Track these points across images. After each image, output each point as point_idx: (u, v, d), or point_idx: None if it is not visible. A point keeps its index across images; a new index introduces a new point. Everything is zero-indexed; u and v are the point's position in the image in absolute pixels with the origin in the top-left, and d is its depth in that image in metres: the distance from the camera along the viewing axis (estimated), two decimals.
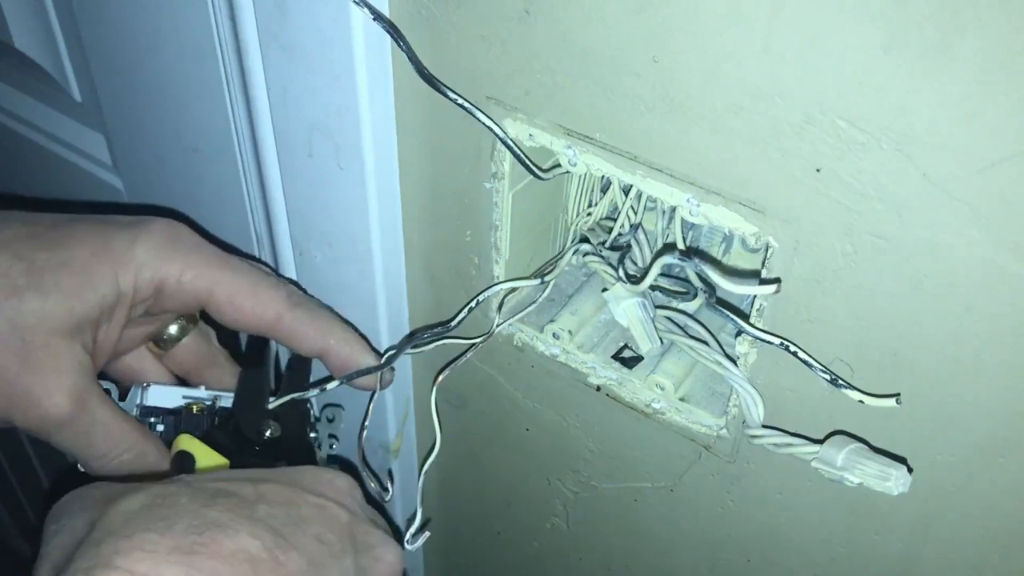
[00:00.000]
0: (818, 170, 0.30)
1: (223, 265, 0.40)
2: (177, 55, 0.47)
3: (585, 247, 0.42)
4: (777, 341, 0.34)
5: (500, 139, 0.37)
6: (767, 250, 0.33)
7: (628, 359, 0.42)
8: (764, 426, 0.36)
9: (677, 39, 0.30)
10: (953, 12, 0.24)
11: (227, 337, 0.46)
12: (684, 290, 0.42)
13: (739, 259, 0.45)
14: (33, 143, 0.64)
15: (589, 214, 0.45)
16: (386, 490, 0.46)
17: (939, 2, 0.24)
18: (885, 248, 0.30)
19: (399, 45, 0.37)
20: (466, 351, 0.43)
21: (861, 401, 0.33)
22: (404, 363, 0.51)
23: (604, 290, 0.41)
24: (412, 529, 0.41)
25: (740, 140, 0.31)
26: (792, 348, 0.33)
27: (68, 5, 0.53)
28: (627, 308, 0.40)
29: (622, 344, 0.43)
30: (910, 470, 0.33)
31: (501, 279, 0.42)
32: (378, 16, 0.36)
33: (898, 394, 0.32)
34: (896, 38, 0.26)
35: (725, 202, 0.33)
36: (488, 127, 0.37)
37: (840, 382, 0.33)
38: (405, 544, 0.41)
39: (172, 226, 0.39)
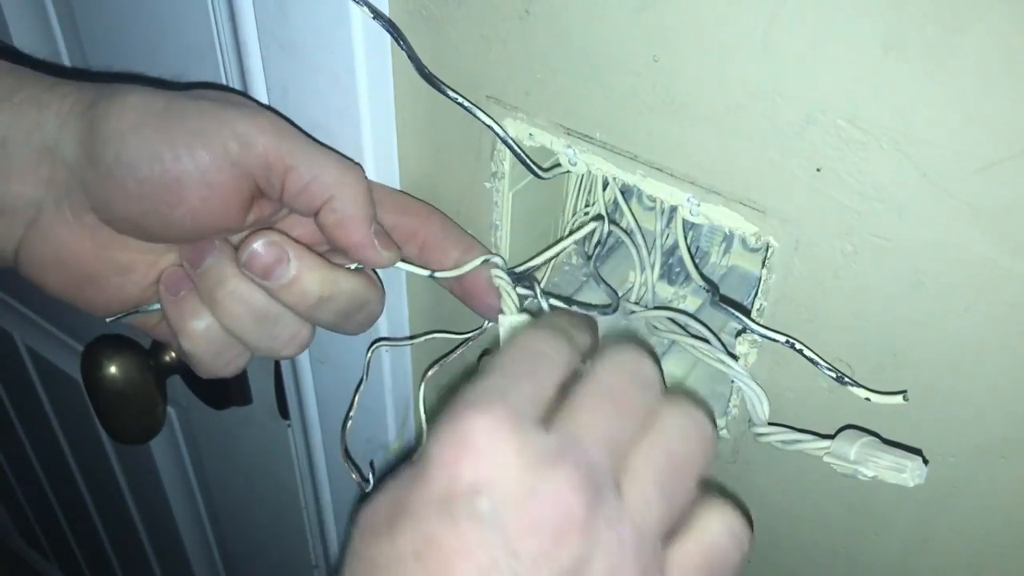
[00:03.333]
0: (818, 170, 0.30)
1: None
2: (177, 55, 0.47)
3: (496, 259, 0.39)
4: (783, 339, 0.34)
5: (500, 138, 0.37)
6: (767, 250, 0.33)
7: None
8: (771, 423, 0.36)
9: (677, 39, 0.30)
10: (953, 12, 0.24)
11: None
12: (607, 302, 0.40)
13: (739, 259, 0.45)
14: None
15: (586, 214, 0.45)
16: (367, 481, 0.45)
17: (939, 2, 0.25)
18: (885, 248, 0.30)
19: (399, 44, 0.37)
20: (456, 347, 0.43)
21: (867, 399, 0.32)
22: (404, 363, 0.51)
23: (501, 313, 0.39)
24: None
25: (740, 140, 0.31)
26: (798, 346, 0.33)
27: (68, 5, 0.53)
28: None
29: None
30: (925, 461, 0.33)
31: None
32: (378, 15, 0.36)
33: (905, 391, 0.32)
34: (896, 38, 0.26)
35: (725, 202, 0.33)
36: (488, 126, 0.37)
37: (846, 379, 0.33)
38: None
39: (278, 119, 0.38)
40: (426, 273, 0.39)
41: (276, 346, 0.38)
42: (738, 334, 0.36)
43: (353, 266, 0.38)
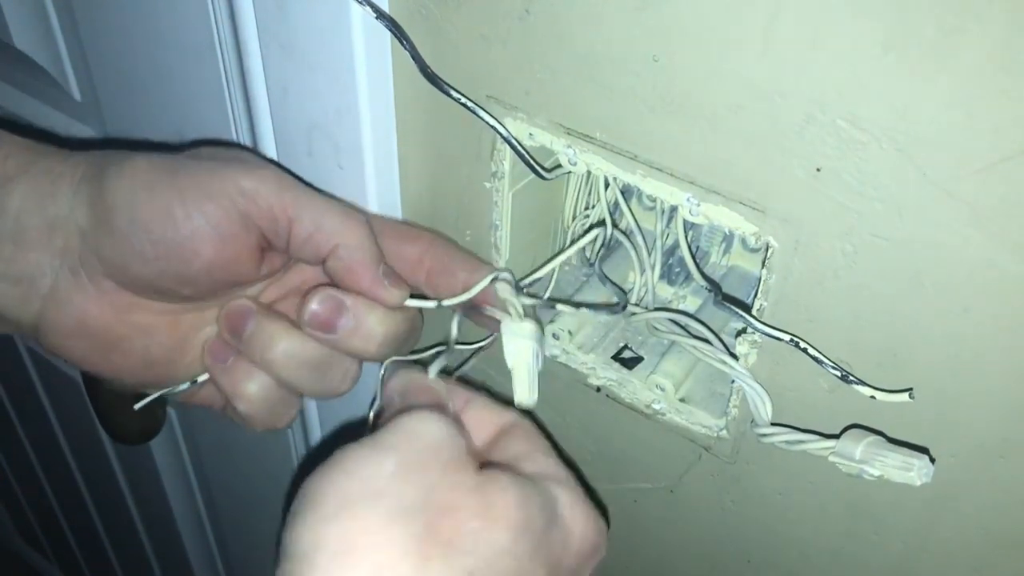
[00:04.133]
0: (818, 170, 0.30)
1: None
2: (177, 55, 0.47)
3: (505, 275, 0.39)
4: (787, 338, 0.33)
5: (505, 139, 0.37)
6: (767, 250, 0.33)
7: (628, 359, 0.42)
8: (773, 424, 0.36)
9: (677, 39, 0.30)
10: (953, 12, 0.24)
11: None
12: (615, 301, 0.40)
13: (739, 259, 0.45)
14: None
15: (587, 216, 0.45)
16: None
17: (939, 2, 0.24)
18: (885, 248, 0.30)
19: (402, 44, 0.37)
20: (469, 358, 0.42)
21: (873, 397, 0.32)
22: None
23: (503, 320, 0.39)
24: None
25: (740, 140, 0.31)
26: (802, 345, 0.33)
27: (68, 5, 0.53)
28: (520, 348, 0.38)
29: (622, 344, 0.43)
30: (932, 460, 0.32)
31: None
32: (381, 15, 0.36)
33: (911, 388, 0.32)
34: (896, 38, 0.26)
35: (725, 202, 0.33)
36: (492, 127, 0.37)
37: (851, 378, 0.33)
38: None
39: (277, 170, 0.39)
40: (433, 305, 0.39)
41: (331, 387, 0.39)
42: (738, 334, 0.36)
43: None
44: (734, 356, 0.37)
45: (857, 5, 0.26)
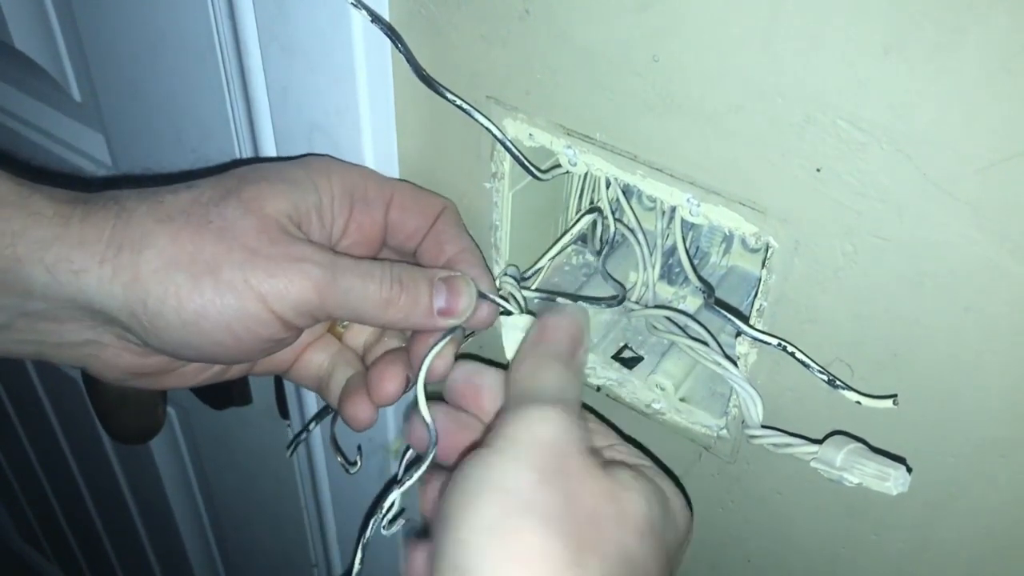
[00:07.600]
0: (818, 170, 0.30)
1: (388, 177, 0.41)
2: (177, 55, 0.47)
3: (511, 270, 0.41)
4: (775, 342, 0.34)
5: (499, 140, 0.37)
6: (767, 250, 0.33)
7: (628, 359, 0.42)
8: (763, 426, 0.36)
9: (677, 39, 0.30)
10: (953, 12, 0.24)
11: None
12: (613, 294, 0.41)
13: (739, 259, 0.45)
14: (33, 143, 0.64)
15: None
16: (353, 464, 0.46)
17: (939, 2, 0.25)
18: (885, 248, 0.30)
19: (397, 47, 0.37)
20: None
21: (858, 402, 0.33)
22: None
23: (503, 313, 0.39)
24: (389, 515, 0.40)
25: (740, 140, 0.31)
26: (790, 349, 0.33)
27: (68, 5, 0.53)
28: (519, 340, 0.38)
29: (622, 344, 0.43)
30: (909, 470, 0.33)
31: None
32: (376, 19, 0.36)
33: (895, 395, 0.32)
34: (896, 38, 0.26)
35: (725, 202, 0.33)
36: (487, 128, 0.37)
37: (838, 383, 0.33)
38: (380, 530, 0.40)
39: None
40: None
41: None
42: (738, 334, 0.36)
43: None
44: (730, 358, 0.37)
45: (857, 5, 0.26)
